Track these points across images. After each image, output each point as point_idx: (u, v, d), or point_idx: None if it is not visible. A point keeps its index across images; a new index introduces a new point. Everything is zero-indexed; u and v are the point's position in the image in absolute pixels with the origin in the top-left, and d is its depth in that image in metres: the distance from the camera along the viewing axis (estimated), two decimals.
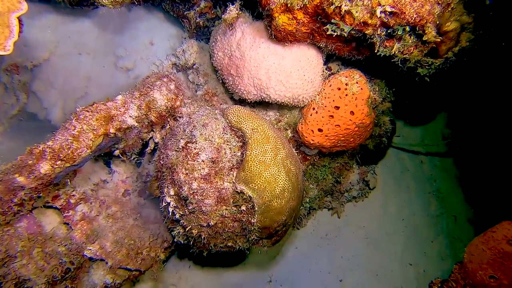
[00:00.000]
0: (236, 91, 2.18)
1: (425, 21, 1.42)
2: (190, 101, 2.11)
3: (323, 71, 2.08)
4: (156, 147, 2.14)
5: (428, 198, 3.32)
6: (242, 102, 2.34)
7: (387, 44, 1.60)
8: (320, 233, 3.18)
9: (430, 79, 1.82)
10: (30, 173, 1.60)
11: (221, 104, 2.42)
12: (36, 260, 1.87)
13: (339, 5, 1.46)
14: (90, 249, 2.13)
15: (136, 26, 2.73)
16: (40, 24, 2.67)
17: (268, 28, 1.82)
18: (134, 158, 2.24)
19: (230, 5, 1.95)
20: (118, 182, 2.43)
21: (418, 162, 3.42)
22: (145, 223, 2.40)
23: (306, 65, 1.96)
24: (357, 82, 2.06)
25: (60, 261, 1.92)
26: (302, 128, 2.19)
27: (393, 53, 1.61)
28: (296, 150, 2.37)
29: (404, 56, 1.62)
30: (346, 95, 2.06)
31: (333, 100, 2.06)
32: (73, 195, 2.15)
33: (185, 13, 2.35)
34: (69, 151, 1.66)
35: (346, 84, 2.06)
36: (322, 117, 2.11)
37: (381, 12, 1.42)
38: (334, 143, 2.22)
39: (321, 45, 1.83)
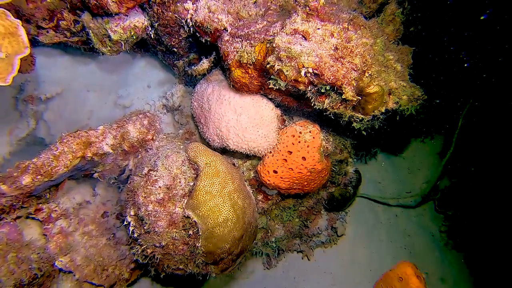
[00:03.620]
0: (204, 137, 2.50)
1: (340, 82, 1.70)
2: (165, 136, 2.43)
3: (279, 128, 2.36)
4: (130, 174, 2.43)
5: (400, 252, 3.37)
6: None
7: (320, 99, 1.88)
8: (289, 276, 3.28)
9: (365, 132, 2.07)
10: (12, 183, 1.92)
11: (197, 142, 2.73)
12: (9, 264, 2.12)
13: (273, 64, 1.77)
14: (61, 261, 2.37)
15: (137, 71, 3.17)
16: (60, 64, 3.16)
17: (228, 78, 2.16)
18: (113, 182, 2.54)
19: (204, 58, 2.32)
20: (99, 204, 2.71)
21: (392, 215, 3.53)
22: (117, 244, 2.63)
23: (260, 123, 2.26)
24: (310, 132, 2.33)
25: (30, 267, 2.16)
26: (260, 168, 2.44)
27: (325, 107, 1.89)
28: (257, 189, 2.60)
29: (335, 110, 1.89)
30: (299, 142, 2.31)
31: (287, 146, 2.32)
32: (55, 210, 2.44)
33: (175, 62, 2.76)
34: (49, 168, 1.99)
35: (300, 133, 2.33)
36: (277, 160, 2.36)
37: (305, 73, 1.72)
38: (289, 185, 2.44)
39: (272, 97, 2.14)
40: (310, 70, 1.70)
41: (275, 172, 2.38)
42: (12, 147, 2.90)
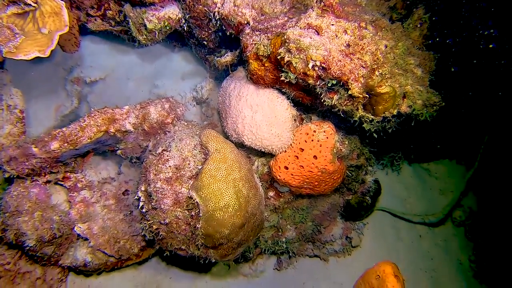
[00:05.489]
0: (225, 131, 2.58)
1: (346, 77, 1.69)
2: (186, 124, 2.54)
3: (294, 128, 2.35)
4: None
5: (419, 274, 3.18)
6: None
7: (329, 95, 1.89)
8: (299, 281, 3.23)
9: (376, 133, 2.02)
10: (43, 147, 2.14)
11: None
12: (35, 220, 2.34)
13: (283, 56, 1.81)
14: (80, 227, 2.57)
15: (174, 64, 3.37)
16: (108, 52, 3.44)
17: (246, 70, 2.23)
18: (134, 162, 2.71)
19: (228, 51, 2.42)
20: (122, 182, 2.89)
21: (415, 235, 3.35)
22: (132, 221, 2.77)
23: (273, 121, 2.28)
24: (324, 131, 2.32)
25: (51, 226, 2.37)
26: (272, 163, 2.46)
27: (333, 103, 1.89)
28: (270, 185, 2.63)
29: (343, 107, 1.88)
30: (312, 140, 2.31)
31: (299, 143, 2.33)
32: (81, 181, 2.65)
33: (206, 56, 2.89)
34: (75, 137, 2.18)
35: (314, 131, 2.33)
36: (289, 156, 2.37)
37: (313, 66, 1.74)
38: (300, 183, 2.43)
39: (285, 91, 2.17)
40: (318, 63, 1.72)
41: (286, 168, 2.39)
42: (56, 122, 3.20)
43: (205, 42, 2.68)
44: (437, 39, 2.12)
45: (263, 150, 2.43)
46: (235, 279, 3.31)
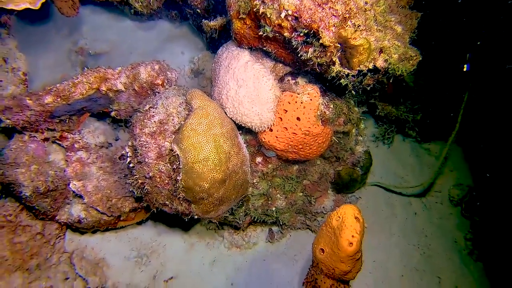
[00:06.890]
0: (212, 98, 2.64)
1: (317, 25, 1.72)
2: (177, 88, 2.63)
3: (274, 109, 2.35)
4: None
5: (411, 249, 3.14)
6: None
7: (305, 49, 1.91)
8: (290, 253, 3.25)
9: (354, 90, 2.03)
10: (37, 100, 2.27)
11: None
12: (31, 172, 2.48)
13: (259, 8, 1.86)
14: (75, 184, 2.69)
15: (175, 39, 3.47)
16: (115, 28, 3.59)
17: (231, 31, 2.28)
18: (130, 125, 2.81)
19: (218, 16, 2.49)
20: (119, 147, 3.01)
21: (411, 212, 3.30)
22: (125, 183, 2.88)
23: (255, 99, 2.30)
24: (308, 93, 2.34)
25: (46, 179, 2.50)
26: None
27: (309, 57, 1.91)
28: (257, 151, 2.67)
29: (318, 60, 1.90)
30: (296, 102, 2.34)
31: (283, 104, 2.36)
32: (78, 142, 2.78)
33: (202, 27, 2.96)
34: (67, 92, 2.30)
35: (298, 93, 2.35)
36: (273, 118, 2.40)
37: (285, 15, 1.78)
38: (285, 147, 2.46)
39: (267, 49, 2.20)
40: (290, 13, 1.75)
41: (271, 130, 2.43)
42: None
43: (198, 10, 2.76)
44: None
45: (242, 125, 2.43)
46: (228, 249, 3.37)
